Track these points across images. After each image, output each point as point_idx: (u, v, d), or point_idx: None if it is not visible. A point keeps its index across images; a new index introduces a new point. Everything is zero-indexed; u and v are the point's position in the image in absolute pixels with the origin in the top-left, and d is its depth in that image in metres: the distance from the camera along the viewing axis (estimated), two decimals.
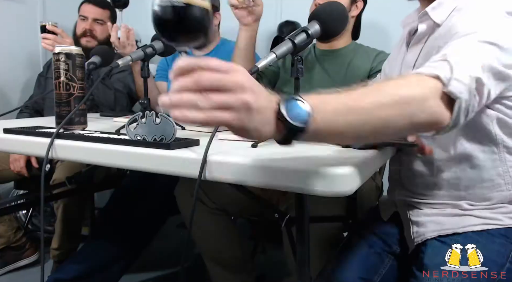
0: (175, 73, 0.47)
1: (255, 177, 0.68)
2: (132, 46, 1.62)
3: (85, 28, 1.92)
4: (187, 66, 0.46)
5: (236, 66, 0.47)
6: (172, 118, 0.54)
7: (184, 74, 0.47)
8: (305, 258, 0.86)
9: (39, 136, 0.97)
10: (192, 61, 0.46)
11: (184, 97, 0.46)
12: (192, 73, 0.46)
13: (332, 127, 0.54)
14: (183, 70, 0.47)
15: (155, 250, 2.07)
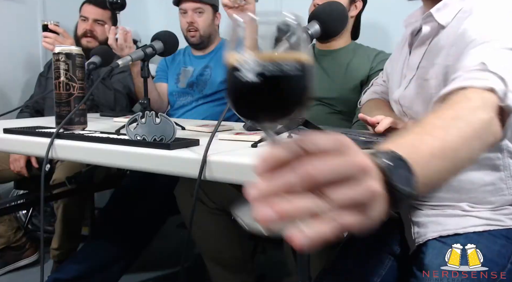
0: (266, 167, 0.34)
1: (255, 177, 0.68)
2: (129, 48, 1.62)
3: (86, 29, 1.92)
4: (285, 154, 0.32)
5: (345, 138, 0.34)
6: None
7: (280, 166, 0.33)
8: (305, 258, 0.86)
9: (39, 136, 0.97)
10: (292, 146, 0.32)
11: (296, 205, 0.31)
12: (292, 163, 0.32)
13: (428, 180, 0.45)
14: (280, 162, 0.33)
15: (155, 250, 2.06)
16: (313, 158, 0.32)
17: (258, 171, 0.34)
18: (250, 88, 0.35)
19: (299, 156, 0.32)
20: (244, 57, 0.35)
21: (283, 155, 0.32)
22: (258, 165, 0.34)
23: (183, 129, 1.15)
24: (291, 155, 0.32)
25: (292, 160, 0.32)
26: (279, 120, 0.37)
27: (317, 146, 0.32)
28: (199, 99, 1.86)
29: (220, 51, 1.89)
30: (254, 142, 0.84)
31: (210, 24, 1.85)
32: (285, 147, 0.33)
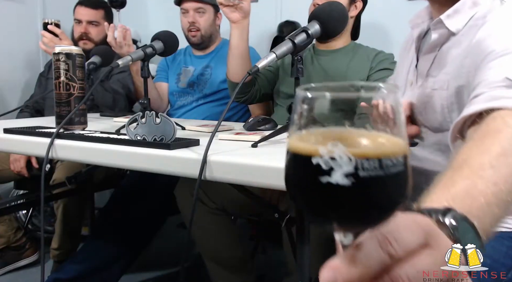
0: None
1: (255, 177, 0.68)
2: (128, 46, 1.62)
3: (81, 32, 1.92)
4: (366, 269, 0.27)
5: (427, 224, 0.29)
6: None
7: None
8: (305, 258, 0.86)
9: (39, 136, 0.97)
10: (373, 255, 0.27)
11: None
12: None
13: (484, 233, 0.40)
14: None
15: (155, 250, 2.07)
16: (401, 264, 0.27)
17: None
18: (335, 191, 0.25)
19: (383, 263, 0.27)
20: (329, 150, 0.25)
21: (364, 271, 0.27)
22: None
23: (183, 129, 1.15)
24: (372, 268, 0.26)
25: (374, 271, 0.27)
26: (365, 227, 0.28)
27: (405, 249, 0.27)
28: (200, 99, 1.86)
29: (221, 51, 1.89)
30: (254, 142, 0.84)
31: (211, 24, 1.85)
32: (364, 256, 0.27)
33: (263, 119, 1.14)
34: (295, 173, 0.28)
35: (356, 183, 0.25)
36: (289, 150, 0.29)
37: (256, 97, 1.61)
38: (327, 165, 0.25)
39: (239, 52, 1.40)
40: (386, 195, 0.26)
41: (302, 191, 0.28)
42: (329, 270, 0.27)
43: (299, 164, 0.27)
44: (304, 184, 0.27)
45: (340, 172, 0.25)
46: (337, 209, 0.26)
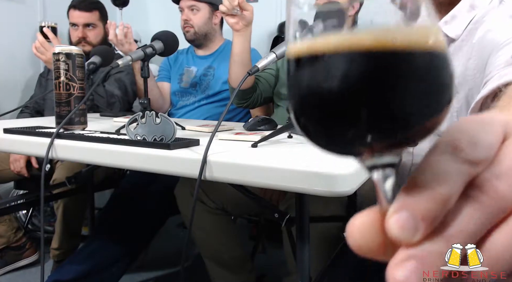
0: (429, 225, 0.20)
1: (255, 177, 0.68)
2: (130, 44, 1.63)
3: (78, 37, 1.92)
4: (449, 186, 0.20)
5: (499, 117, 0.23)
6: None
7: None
8: (305, 258, 0.86)
9: (39, 136, 0.97)
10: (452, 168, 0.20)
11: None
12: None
13: None
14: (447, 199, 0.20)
15: (155, 250, 2.07)
16: (487, 168, 0.20)
17: (414, 235, 0.20)
18: (355, 92, 0.20)
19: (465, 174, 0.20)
20: (336, 39, 0.21)
21: (441, 194, 0.20)
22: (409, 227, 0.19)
23: (183, 129, 1.15)
24: (450, 187, 0.20)
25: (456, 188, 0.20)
26: (404, 144, 0.22)
27: (486, 150, 0.21)
28: (202, 99, 1.87)
29: (223, 52, 1.89)
30: (254, 142, 0.84)
31: (206, 22, 1.85)
32: (435, 176, 0.20)
33: (263, 119, 1.14)
34: (293, 87, 0.22)
35: (381, 79, 0.20)
36: (287, 61, 0.23)
37: (257, 102, 1.61)
38: (335, 58, 0.20)
39: (241, 59, 1.40)
40: (429, 84, 0.21)
41: (303, 105, 0.22)
42: (398, 211, 0.20)
43: (297, 72, 0.22)
44: (305, 94, 0.22)
45: (358, 64, 0.20)
46: (356, 118, 0.20)
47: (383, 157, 0.22)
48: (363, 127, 0.21)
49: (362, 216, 0.22)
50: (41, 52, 1.63)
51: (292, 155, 0.77)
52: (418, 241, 0.20)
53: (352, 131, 0.21)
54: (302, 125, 0.23)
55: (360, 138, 0.21)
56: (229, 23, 1.33)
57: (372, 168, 0.22)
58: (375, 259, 0.21)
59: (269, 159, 0.69)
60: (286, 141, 0.91)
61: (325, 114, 0.21)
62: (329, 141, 0.23)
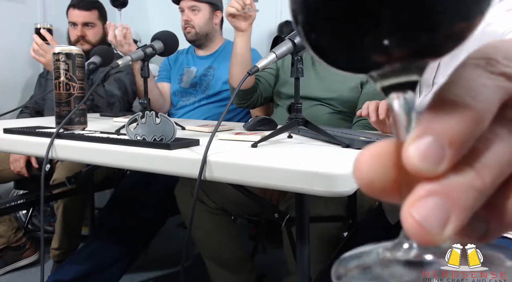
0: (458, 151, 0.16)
1: (255, 177, 0.68)
2: (129, 44, 1.63)
3: (77, 35, 1.92)
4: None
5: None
6: None
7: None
8: (305, 258, 0.86)
9: (39, 136, 0.97)
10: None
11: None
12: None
13: None
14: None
15: (155, 250, 2.07)
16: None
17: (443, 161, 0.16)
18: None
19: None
20: None
21: (474, 113, 0.16)
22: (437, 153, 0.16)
23: (183, 129, 1.15)
24: (484, 105, 0.16)
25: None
26: (429, 54, 0.18)
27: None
28: (202, 99, 1.87)
29: (223, 52, 1.90)
30: (254, 142, 0.84)
31: (207, 23, 1.85)
32: (466, 93, 0.16)
33: (263, 119, 1.14)
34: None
35: None
36: None
37: (258, 102, 1.61)
38: None
39: (243, 59, 1.40)
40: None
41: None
42: (420, 136, 0.16)
43: None
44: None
45: None
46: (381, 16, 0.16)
47: (404, 73, 0.18)
48: (383, 26, 0.16)
49: (373, 146, 0.18)
50: (40, 55, 1.63)
51: (292, 155, 0.77)
52: (442, 172, 0.16)
53: (370, 32, 0.17)
54: (313, 41, 0.19)
55: (380, 41, 0.17)
56: (235, 23, 1.33)
57: (390, 89, 0.19)
58: (387, 201, 0.18)
59: (269, 159, 0.69)
60: (286, 141, 0.91)
61: (339, 15, 0.17)
62: (344, 52, 0.19)
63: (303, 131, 0.98)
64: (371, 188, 0.17)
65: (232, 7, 1.28)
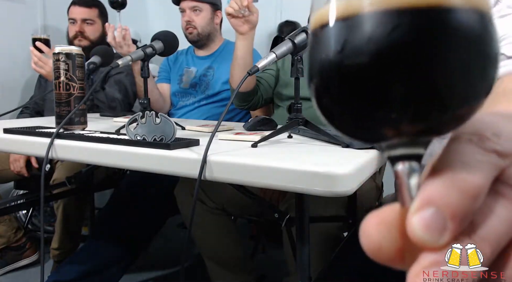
0: (459, 224, 0.18)
1: (255, 177, 0.68)
2: (128, 46, 1.63)
3: (76, 31, 1.93)
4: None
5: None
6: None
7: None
8: (305, 258, 0.86)
9: (39, 136, 0.97)
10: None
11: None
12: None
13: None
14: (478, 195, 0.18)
15: (155, 250, 2.07)
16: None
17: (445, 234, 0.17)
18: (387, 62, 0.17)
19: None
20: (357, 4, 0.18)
21: (471, 184, 0.17)
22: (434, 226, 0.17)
23: (183, 129, 1.15)
24: (479, 178, 0.17)
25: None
26: (436, 131, 0.19)
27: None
28: (202, 99, 1.87)
29: (223, 52, 1.89)
30: (254, 142, 0.84)
31: (209, 23, 1.85)
32: (461, 165, 0.18)
33: (263, 119, 1.14)
34: (314, 61, 0.20)
35: (415, 47, 0.17)
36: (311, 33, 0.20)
37: (259, 104, 1.62)
38: (362, 22, 0.17)
39: (244, 62, 1.40)
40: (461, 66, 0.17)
41: (324, 78, 0.19)
42: (423, 208, 0.17)
43: (319, 43, 0.19)
44: (327, 67, 0.19)
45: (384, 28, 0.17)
46: (388, 94, 0.17)
47: (411, 146, 0.20)
48: (399, 103, 0.18)
49: (380, 213, 0.19)
50: (40, 66, 1.63)
51: (292, 155, 0.77)
52: (445, 244, 0.17)
53: (384, 108, 0.18)
54: (324, 106, 0.20)
55: (393, 117, 0.18)
56: (234, 25, 1.33)
57: (397, 160, 0.20)
58: (392, 267, 0.18)
59: (269, 159, 0.69)
60: (286, 141, 0.91)
61: (355, 88, 0.18)
62: (355, 123, 0.20)
63: (303, 131, 0.98)
64: (378, 254, 0.18)
65: (231, 6, 1.28)
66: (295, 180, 0.63)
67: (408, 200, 0.19)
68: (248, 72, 0.85)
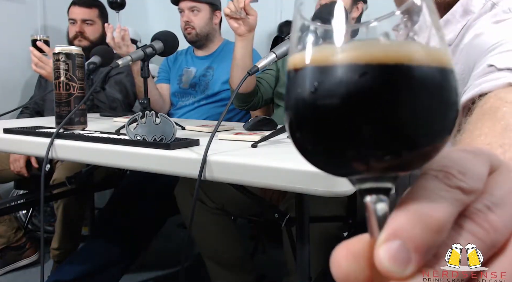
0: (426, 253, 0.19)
1: (255, 177, 0.68)
2: (127, 46, 1.63)
3: (76, 31, 1.93)
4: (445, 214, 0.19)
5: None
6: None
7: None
8: (305, 258, 0.86)
9: (39, 136, 0.97)
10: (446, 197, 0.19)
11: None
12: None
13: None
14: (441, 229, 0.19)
15: (155, 250, 2.07)
16: (478, 198, 0.20)
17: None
18: (357, 106, 0.19)
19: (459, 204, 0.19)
20: (333, 52, 0.20)
21: (434, 221, 0.18)
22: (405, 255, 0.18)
23: (183, 129, 1.15)
24: (443, 214, 0.19)
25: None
26: (403, 168, 0.21)
27: (477, 179, 0.20)
28: (201, 99, 1.87)
29: (222, 52, 1.89)
30: (254, 142, 0.84)
31: (207, 23, 1.85)
32: (427, 203, 0.19)
33: (263, 119, 1.14)
34: (293, 100, 0.21)
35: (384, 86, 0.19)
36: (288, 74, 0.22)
37: (259, 104, 1.62)
38: (333, 72, 0.20)
39: (243, 64, 1.40)
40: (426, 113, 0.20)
41: (302, 119, 0.21)
42: (389, 240, 0.18)
43: (295, 84, 0.21)
44: (306, 109, 0.20)
45: (353, 76, 0.19)
46: (357, 137, 0.19)
47: (379, 181, 0.21)
48: (367, 143, 0.19)
49: (349, 244, 0.20)
50: (41, 67, 1.63)
51: (292, 155, 0.77)
52: (409, 275, 0.18)
53: (354, 146, 0.20)
54: (298, 140, 0.22)
55: (361, 155, 0.20)
56: (232, 26, 1.33)
57: (366, 192, 0.21)
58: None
59: (269, 159, 0.69)
60: (286, 141, 0.91)
61: (329, 127, 0.20)
62: (326, 158, 0.22)
63: None
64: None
65: (228, 7, 1.28)
66: (295, 180, 0.63)
67: (376, 231, 0.20)
68: (248, 72, 0.85)
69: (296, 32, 0.22)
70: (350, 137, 0.20)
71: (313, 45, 0.21)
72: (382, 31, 0.21)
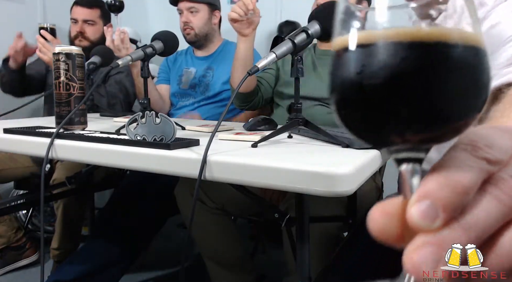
0: (450, 213, 0.21)
1: (255, 177, 0.68)
2: (127, 49, 1.63)
3: (77, 31, 1.94)
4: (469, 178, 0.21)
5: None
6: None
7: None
8: (305, 258, 0.86)
9: (39, 136, 0.97)
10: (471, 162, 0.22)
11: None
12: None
13: None
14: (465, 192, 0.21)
15: (155, 250, 2.07)
16: (503, 168, 0.22)
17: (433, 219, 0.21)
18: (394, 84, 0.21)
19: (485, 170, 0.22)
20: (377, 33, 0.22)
21: (461, 186, 0.21)
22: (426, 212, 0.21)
23: (183, 129, 1.15)
24: (469, 180, 0.21)
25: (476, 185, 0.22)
26: (437, 140, 0.23)
27: (503, 152, 0.23)
28: (201, 100, 1.87)
29: (222, 53, 1.89)
30: (254, 142, 0.84)
31: (206, 23, 1.85)
32: (456, 170, 0.21)
33: (263, 119, 1.14)
34: (338, 82, 0.25)
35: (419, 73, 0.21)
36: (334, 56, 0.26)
37: (259, 104, 1.62)
38: (379, 48, 0.22)
39: (245, 63, 1.40)
40: (459, 88, 0.22)
41: (350, 94, 0.23)
42: (420, 200, 0.21)
43: (344, 66, 0.24)
44: (351, 86, 0.23)
45: (394, 54, 0.21)
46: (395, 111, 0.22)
47: (414, 151, 0.24)
48: (407, 118, 0.22)
49: (385, 204, 0.23)
50: (43, 53, 1.67)
51: (292, 155, 0.77)
52: (436, 228, 0.21)
53: (393, 120, 0.22)
54: (343, 116, 0.25)
55: (401, 129, 0.23)
56: (238, 29, 1.32)
57: (402, 161, 0.24)
58: (392, 246, 0.23)
59: (269, 159, 0.69)
60: (286, 141, 0.91)
61: (370, 103, 0.23)
62: (369, 132, 0.25)
63: (303, 131, 0.98)
64: (382, 237, 0.23)
65: (235, 12, 1.27)
66: (295, 180, 0.63)
67: (408, 194, 0.24)
68: (248, 72, 0.85)
69: (340, 14, 0.25)
70: (393, 113, 0.22)
71: (358, 29, 0.24)
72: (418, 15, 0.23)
